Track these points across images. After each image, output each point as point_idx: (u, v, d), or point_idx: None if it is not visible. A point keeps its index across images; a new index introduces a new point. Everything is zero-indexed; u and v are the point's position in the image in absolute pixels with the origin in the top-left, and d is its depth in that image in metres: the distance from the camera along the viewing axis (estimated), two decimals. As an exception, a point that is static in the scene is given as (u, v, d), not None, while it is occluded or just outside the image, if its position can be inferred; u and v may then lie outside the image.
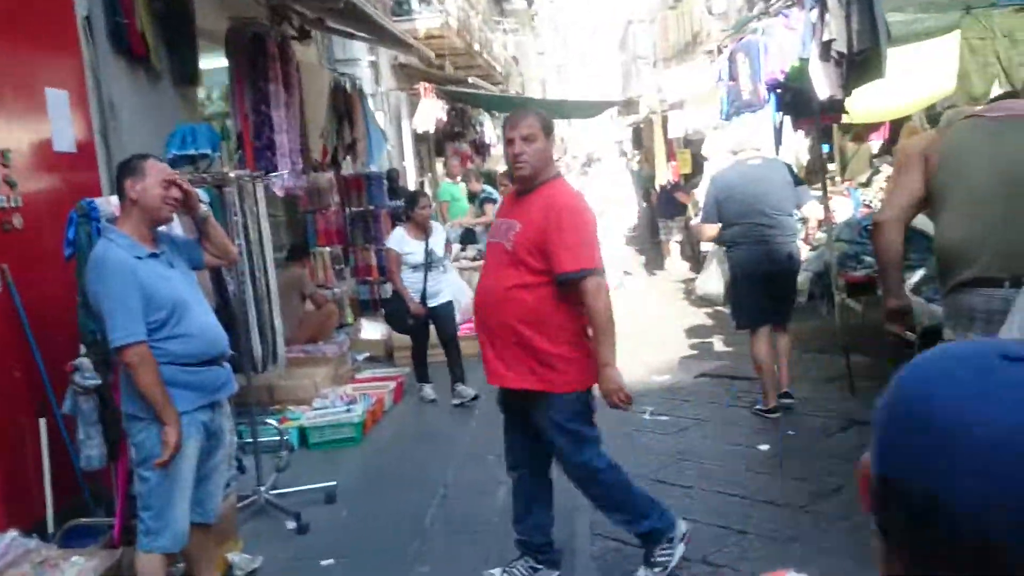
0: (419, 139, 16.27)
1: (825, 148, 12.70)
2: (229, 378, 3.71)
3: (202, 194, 5.20)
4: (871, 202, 10.18)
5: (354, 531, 4.88)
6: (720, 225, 6.22)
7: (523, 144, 3.66)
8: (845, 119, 6.99)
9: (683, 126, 12.14)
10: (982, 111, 3.94)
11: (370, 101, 13.42)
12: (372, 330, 9.30)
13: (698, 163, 13.99)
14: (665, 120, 12.75)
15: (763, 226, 6.06)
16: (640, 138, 18.72)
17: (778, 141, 6.94)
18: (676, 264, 14.37)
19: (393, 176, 12.51)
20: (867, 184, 11.33)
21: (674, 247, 14.67)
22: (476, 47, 17.96)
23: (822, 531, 4.32)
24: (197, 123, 5.68)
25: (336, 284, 9.39)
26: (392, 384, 7.37)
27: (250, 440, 5.50)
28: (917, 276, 6.48)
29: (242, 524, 4.89)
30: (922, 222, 7.24)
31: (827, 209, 6.66)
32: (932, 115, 12.32)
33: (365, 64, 12.26)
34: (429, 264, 7.16)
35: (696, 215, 13.27)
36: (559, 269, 3.60)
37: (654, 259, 15.25)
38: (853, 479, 3.42)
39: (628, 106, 17.42)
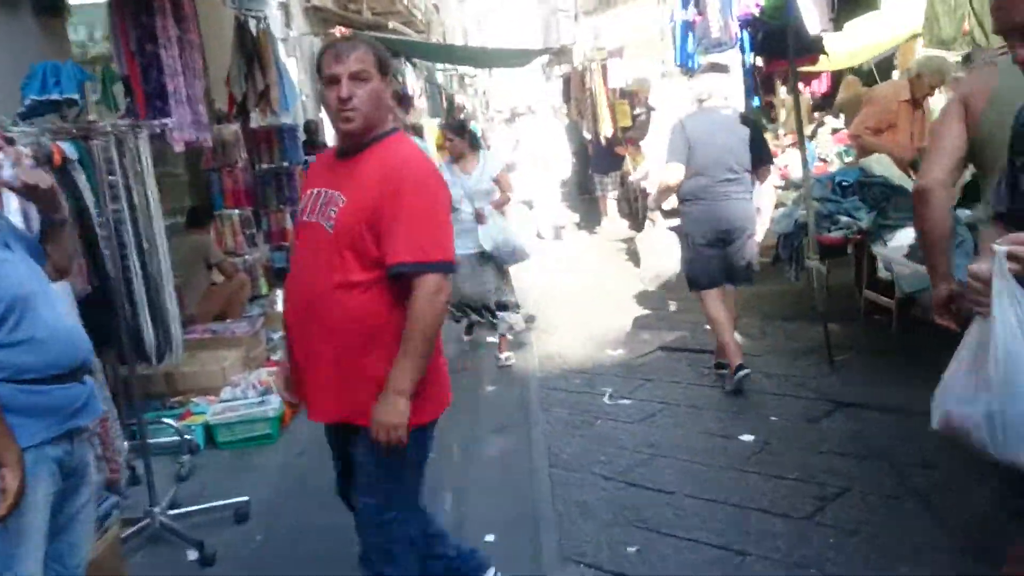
0: (336, 90, 15.17)
1: (754, 101, 12.14)
2: (91, 397, 2.76)
3: (68, 149, 4.25)
4: (827, 156, 9.58)
5: (271, 560, 4.02)
6: (684, 168, 5.58)
7: (352, 84, 2.62)
8: (823, 63, 6.25)
9: (623, 75, 11.33)
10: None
11: (281, 47, 12.34)
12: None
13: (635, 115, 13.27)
14: (604, 69, 11.91)
15: (727, 181, 5.56)
16: (569, 90, 17.85)
17: (751, 86, 6.19)
18: (614, 222, 13.63)
19: (311, 128, 11.48)
20: (812, 137, 10.72)
21: (611, 203, 13.92)
22: (396, -10, 16.84)
23: (833, 548, 3.61)
24: (62, 61, 4.65)
25: (247, 251, 8.38)
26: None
27: (151, 442, 4.63)
28: (907, 238, 5.82)
29: (131, 556, 4.00)
30: (899, 176, 6.61)
31: (804, 165, 5.93)
32: (881, 64, 11.82)
33: (274, 5, 11.12)
34: None
35: (635, 170, 12.58)
36: (393, 258, 2.61)
37: (589, 216, 14.50)
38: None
39: (560, 55, 16.51)
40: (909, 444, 4.51)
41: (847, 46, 8.66)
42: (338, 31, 13.58)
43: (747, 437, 4.82)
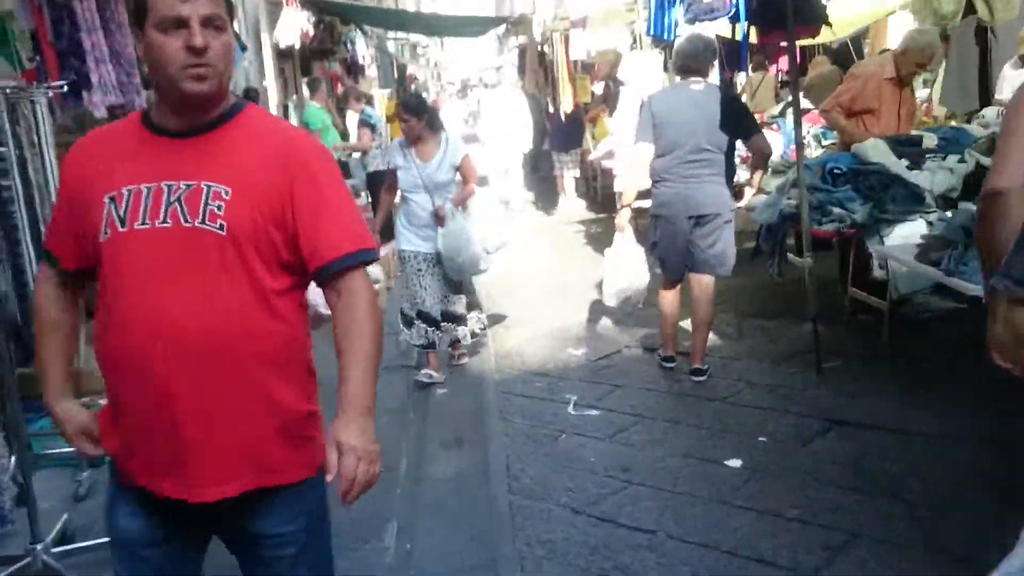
0: (282, 56, 14.30)
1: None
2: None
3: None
4: (803, 138, 9.04)
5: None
6: (650, 146, 5.28)
7: (207, 33, 1.88)
8: (825, 35, 5.69)
9: (586, 46, 10.69)
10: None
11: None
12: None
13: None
14: (566, 40, 11.25)
15: (695, 162, 5.19)
16: (525, 62, 17.15)
17: (744, 59, 5.61)
18: (572, 202, 13.01)
19: (252, 96, 10.70)
20: (780, 116, 10.22)
21: (569, 183, 13.31)
22: (347, -48, 15.95)
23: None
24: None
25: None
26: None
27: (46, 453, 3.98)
28: (906, 234, 5.30)
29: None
30: (895, 164, 6.08)
31: (799, 148, 5.36)
32: (855, 41, 11.34)
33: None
34: None
35: (595, 148, 11.98)
36: (334, 251, 1.98)
37: (545, 196, 13.86)
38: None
39: (517, 25, 15.79)
40: (918, 477, 3.96)
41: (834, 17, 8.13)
42: (287, -7, 12.76)
43: (734, 462, 4.24)
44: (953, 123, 8.55)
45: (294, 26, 12.58)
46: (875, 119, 6.48)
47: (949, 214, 5.57)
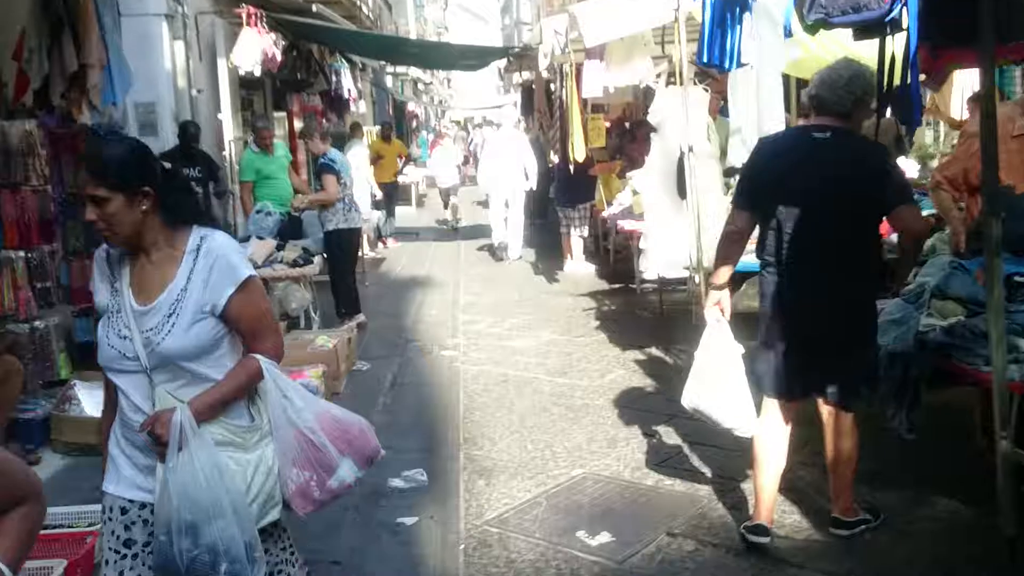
0: (248, 85, 12.32)
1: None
2: None
3: None
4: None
5: None
6: (748, 215, 3.78)
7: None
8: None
9: (601, 82, 8.65)
10: None
11: (165, 26, 9.51)
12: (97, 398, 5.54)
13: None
14: (578, 73, 9.18)
15: (809, 248, 3.59)
16: (531, 100, 15.15)
17: (916, 97, 3.56)
18: (580, 267, 10.89)
19: (190, 131, 8.66)
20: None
21: (577, 244, 11.21)
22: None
23: None
24: None
25: (38, 314, 5.54)
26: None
27: None
28: None
29: None
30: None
31: (992, 244, 3.23)
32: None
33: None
34: None
35: (609, 203, 9.93)
36: None
37: (548, 256, 11.77)
38: None
39: (522, 59, 13.78)
40: None
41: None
42: (245, 11, 10.76)
43: None
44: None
45: (254, 48, 10.57)
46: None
47: None
